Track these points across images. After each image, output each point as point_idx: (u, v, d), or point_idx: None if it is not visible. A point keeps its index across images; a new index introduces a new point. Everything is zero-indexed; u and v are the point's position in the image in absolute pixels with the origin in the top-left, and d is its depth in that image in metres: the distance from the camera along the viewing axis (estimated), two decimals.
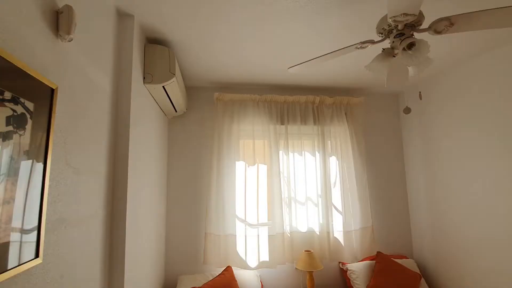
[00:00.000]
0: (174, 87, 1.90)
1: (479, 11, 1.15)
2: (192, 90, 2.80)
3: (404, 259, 2.72)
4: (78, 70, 1.14)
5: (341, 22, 1.68)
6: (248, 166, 2.63)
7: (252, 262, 2.52)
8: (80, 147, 1.14)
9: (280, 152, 2.69)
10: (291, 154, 2.71)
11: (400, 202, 3.01)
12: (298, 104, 2.80)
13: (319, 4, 1.50)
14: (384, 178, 3.00)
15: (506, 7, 1.09)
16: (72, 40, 1.03)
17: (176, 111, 2.44)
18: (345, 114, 2.82)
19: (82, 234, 1.15)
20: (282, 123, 2.76)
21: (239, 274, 2.44)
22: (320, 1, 1.49)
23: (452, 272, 2.45)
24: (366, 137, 2.93)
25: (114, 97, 1.47)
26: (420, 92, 1.59)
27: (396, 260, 2.64)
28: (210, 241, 2.49)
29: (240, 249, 2.50)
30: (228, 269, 2.39)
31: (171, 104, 2.20)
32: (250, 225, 2.55)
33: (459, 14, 1.15)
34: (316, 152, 2.76)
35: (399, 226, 2.96)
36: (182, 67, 2.34)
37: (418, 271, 2.62)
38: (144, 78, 1.74)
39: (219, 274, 2.35)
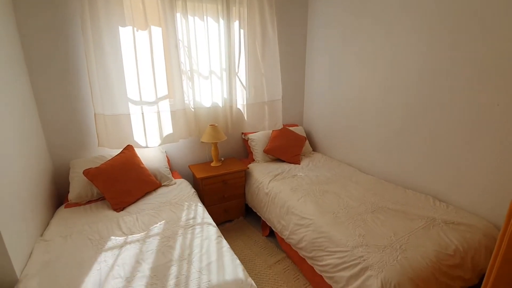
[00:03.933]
0: None
1: None
2: None
3: (295, 127, 3.16)
4: None
5: None
6: (138, 31, 2.12)
7: (154, 140, 2.38)
8: None
9: (178, 15, 2.24)
10: (191, 18, 2.30)
11: (298, 79, 3.22)
12: None
13: None
14: (288, 54, 3.04)
15: None
16: None
17: None
18: None
19: None
20: None
21: (143, 151, 2.35)
22: None
23: (327, 136, 3.04)
24: (276, 8, 2.68)
25: None
26: None
27: (290, 128, 3.04)
28: (102, 123, 2.18)
29: (138, 128, 2.29)
30: (129, 148, 2.25)
31: None
32: (148, 103, 2.27)
33: None
34: (220, 19, 2.42)
35: (295, 99, 3.27)
36: None
37: (304, 135, 3.12)
38: None
39: (119, 153, 2.21)
